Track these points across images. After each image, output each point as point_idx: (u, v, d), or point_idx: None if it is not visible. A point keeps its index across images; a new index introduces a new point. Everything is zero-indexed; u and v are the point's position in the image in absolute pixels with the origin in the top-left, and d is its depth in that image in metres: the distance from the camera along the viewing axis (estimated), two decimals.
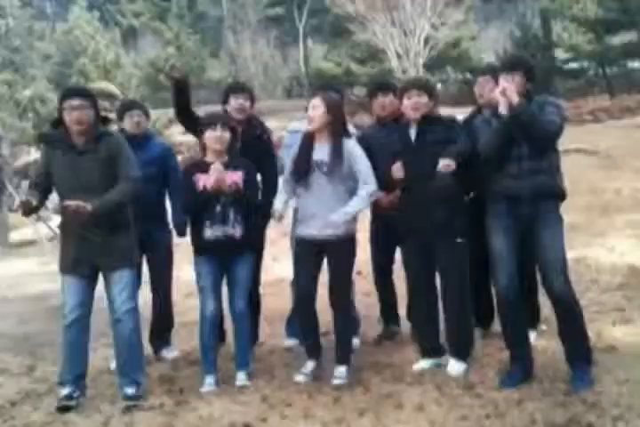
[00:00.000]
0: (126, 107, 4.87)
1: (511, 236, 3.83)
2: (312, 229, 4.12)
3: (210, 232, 4.12)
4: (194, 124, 4.50)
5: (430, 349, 4.23)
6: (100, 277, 4.13)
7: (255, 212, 4.27)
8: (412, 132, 4.11)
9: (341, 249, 4.12)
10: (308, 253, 4.17)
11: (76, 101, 3.96)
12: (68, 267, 4.05)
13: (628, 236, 7.35)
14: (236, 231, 4.15)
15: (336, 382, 4.04)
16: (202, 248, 4.19)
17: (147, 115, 4.88)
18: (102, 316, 4.31)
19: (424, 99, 4.06)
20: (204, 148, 4.23)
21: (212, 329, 4.24)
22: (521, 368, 3.87)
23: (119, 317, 4.03)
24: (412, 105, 4.04)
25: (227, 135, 4.18)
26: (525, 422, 3.39)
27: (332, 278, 4.15)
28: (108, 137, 4.07)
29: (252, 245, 4.33)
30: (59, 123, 4.04)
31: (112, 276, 4.04)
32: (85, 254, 4.01)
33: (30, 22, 28.55)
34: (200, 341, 4.29)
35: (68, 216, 3.95)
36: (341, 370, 4.10)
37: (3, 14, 23.03)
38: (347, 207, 4.02)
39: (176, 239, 4.88)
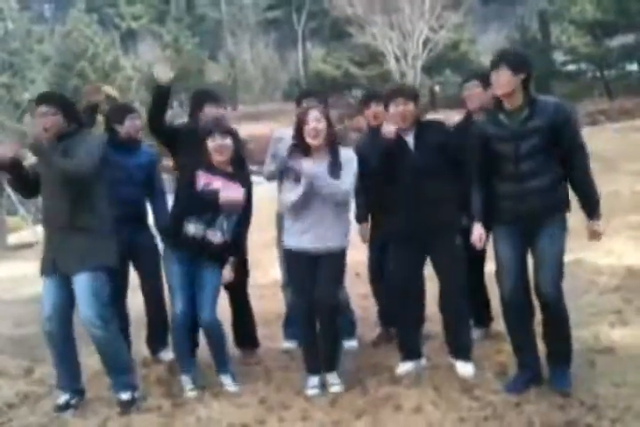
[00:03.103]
0: (127, 110, 4.82)
1: (516, 240, 3.78)
2: (305, 243, 4.03)
3: (192, 228, 4.06)
4: (164, 135, 4.54)
5: (412, 351, 4.24)
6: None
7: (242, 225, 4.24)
8: (410, 138, 4.11)
9: (332, 262, 4.06)
10: (300, 266, 4.08)
11: (43, 108, 3.93)
12: (45, 268, 3.98)
13: (626, 238, 7.35)
14: (216, 238, 4.09)
15: (333, 389, 4.03)
16: (178, 242, 4.10)
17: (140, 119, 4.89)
18: None
19: (410, 106, 4.07)
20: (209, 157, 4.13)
21: (184, 328, 4.16)
22: (527, 374, 3.82)
23: (89, 328, 3.92)
24: (400, 114, 4.05)
25: (228, 143, 4.11)
26: (523, 424, 3.39)
27: (320, 287, 4.04)
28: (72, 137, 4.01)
29: (225, 257, 4.21)
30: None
31: (78, 282, 3.93)
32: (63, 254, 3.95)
33: (29, 25, 28.56)
34: (172, 341, 4.27)
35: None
36: (333, 376, 4.09)
37: (2, 17, 23.05)
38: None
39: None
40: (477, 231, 3.83)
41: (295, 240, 4.06)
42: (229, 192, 4.03)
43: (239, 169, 4.28)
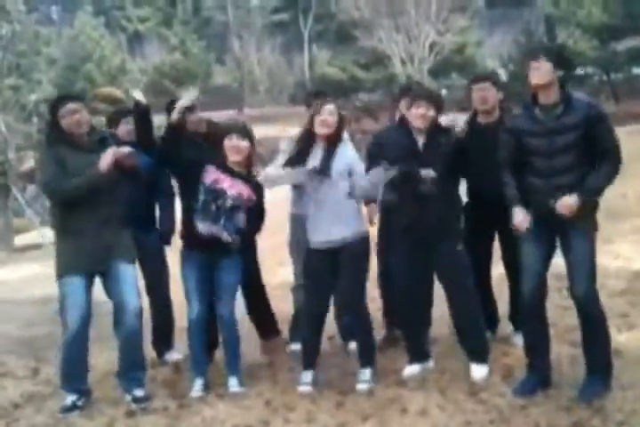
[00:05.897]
0: (122, 114, 4.82)
1: (541, 239, 3.75)
2: (320, 237, 4.09)
3: (200, 226, 4.08)
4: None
5: (419, 354, 4.23)
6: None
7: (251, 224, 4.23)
8: (420, 140, 4.09)
9: (353, 251, 4.07)
10: (319, 262, 4.13)
11: (72, 105, 4.03)
12: (77, 266, 3.99)
13: (633, 241, 7.32)
14: (223, 235, 4.09)
15: (360, 386, 4.03)
16: (190, 240, 4.17)
17: None
18: (106, 319, 4.30)
19: (431, 111, 4.06)
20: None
21: (199, 331, 4.22)
22: (534, 378, 3.79)
23: (130, 316, 4.02)
24: (421, 116, 4.04)
25: (244, 144, 4.16)
26: None
27: (345, 282, 4.09)
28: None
29: (239, 253, 4.24)
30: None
31: (122, 272, 4.05)
32: (99, 250, 4.00)
33: (36, 27, 28.65)
34: (188, 343, 4.30)
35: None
36: (366, 372, 4.10)
37: (9, 19, 23.12)
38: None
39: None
40: (520, 214, 3.72)
41: (312, 236, 4.12)
42: (235, 189, 4.06)
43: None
